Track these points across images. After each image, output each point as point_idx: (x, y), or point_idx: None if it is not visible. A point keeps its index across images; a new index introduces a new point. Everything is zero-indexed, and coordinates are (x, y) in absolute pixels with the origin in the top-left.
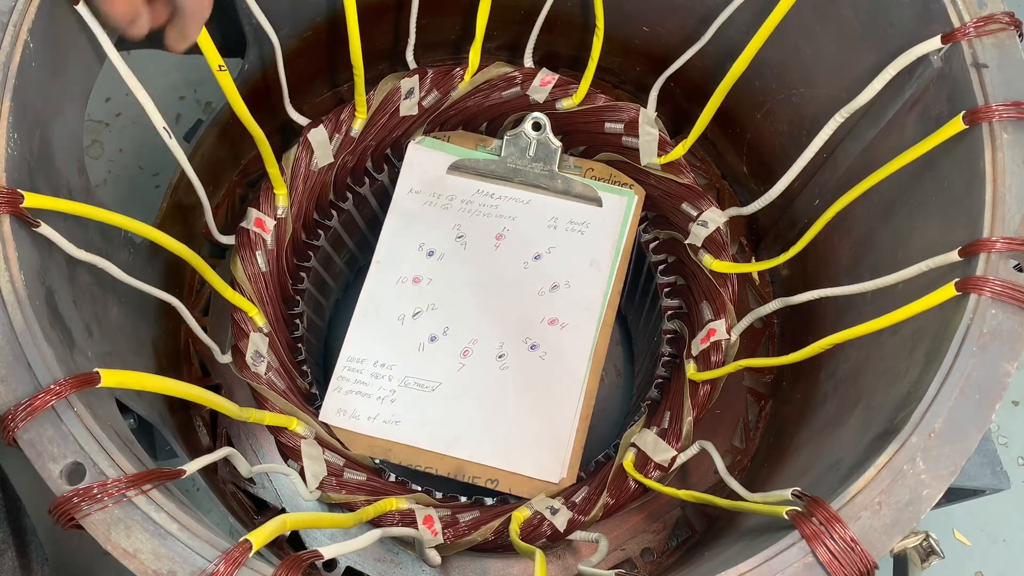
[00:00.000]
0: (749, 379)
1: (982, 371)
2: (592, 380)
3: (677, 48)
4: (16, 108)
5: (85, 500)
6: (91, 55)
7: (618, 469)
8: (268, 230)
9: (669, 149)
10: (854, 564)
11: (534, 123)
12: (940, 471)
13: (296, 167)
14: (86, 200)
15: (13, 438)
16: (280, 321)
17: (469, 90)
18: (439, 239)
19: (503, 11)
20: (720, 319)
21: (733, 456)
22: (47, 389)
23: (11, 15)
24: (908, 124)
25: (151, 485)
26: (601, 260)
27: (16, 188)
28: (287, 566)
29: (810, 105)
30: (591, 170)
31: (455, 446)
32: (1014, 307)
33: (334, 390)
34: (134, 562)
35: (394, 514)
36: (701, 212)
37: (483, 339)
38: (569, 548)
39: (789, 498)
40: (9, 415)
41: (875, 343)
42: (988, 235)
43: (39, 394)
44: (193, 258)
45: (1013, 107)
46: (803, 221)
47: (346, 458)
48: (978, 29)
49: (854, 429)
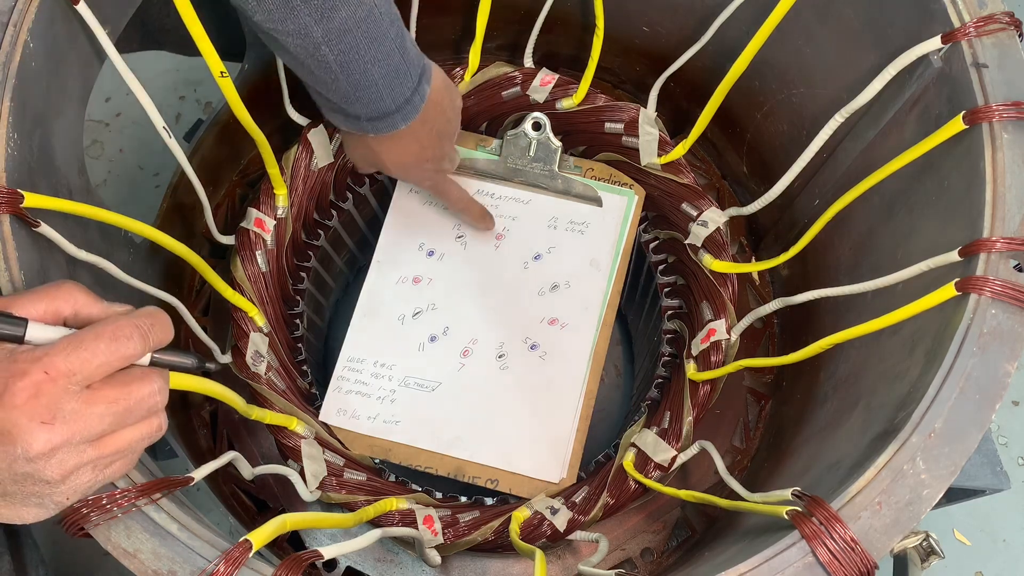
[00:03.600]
0: (749, 379)
1: (982, 371)
2: (592, 380)
3: (677, 48)
4: (16, 108)
5: (94, 511)
6: (91, 55)
7: (618, 469)
8: (268, 230)
9: (669, 149)
10: (854, 564)
11: (534, 123)
12: (940, 471)
13: (296, 167)
14: (86, 200)
15: None
16: (280, 321)
17: (469, 90)
18: (439, 239)
19: (503, 11)
20: (720, 319)
21: (733, 456)
22: None
23: (11, 15)
24: (908, 124)
25: (160, 494)
26: (601, 260)
27: (16, 188)
28: (287, 566)
29: (810, 105)
30: (591, 170)
31: (455, 446)
32: (1014, 307)
33: (334, 390)
34: (134, 562)
35: (394, 514)
36: (701, 212)
37: (483, 339)
38: (569, 548)
39: (789, 498)
40: None
41: (875, 343)
42: (988, 235)
43: None
44: (193, 258)
45: (1013, 107)
46: (803, 221)
47: (346, 458)
48: (978, 29)
49: (854, 429)
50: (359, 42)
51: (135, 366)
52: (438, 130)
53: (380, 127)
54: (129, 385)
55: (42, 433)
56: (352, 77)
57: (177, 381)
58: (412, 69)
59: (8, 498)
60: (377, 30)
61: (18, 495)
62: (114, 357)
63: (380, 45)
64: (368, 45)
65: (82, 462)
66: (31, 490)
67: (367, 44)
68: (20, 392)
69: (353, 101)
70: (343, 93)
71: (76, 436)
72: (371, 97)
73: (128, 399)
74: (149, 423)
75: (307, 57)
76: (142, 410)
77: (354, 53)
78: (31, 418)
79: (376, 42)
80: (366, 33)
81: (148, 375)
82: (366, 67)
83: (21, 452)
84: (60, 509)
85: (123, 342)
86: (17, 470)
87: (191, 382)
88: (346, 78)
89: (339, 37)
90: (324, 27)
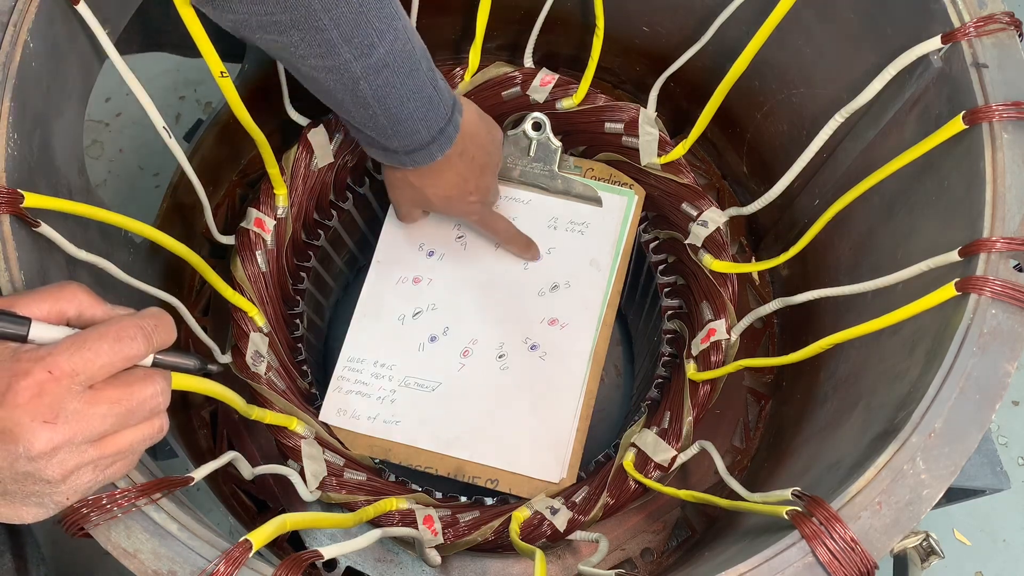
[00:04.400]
0: (749, 379)
1: (982, 371)
2: (592, 380)
3: (677, 48)
4: (16, 108)
5: (95, 511)
6: (91, 55)
7: (618, 469)
8: (268, 230)
9: (669, 149)
10: (854, 564)
11: (534, 123)
12: (940, 471)
13: (296, 167)
14: (86, 200)
15: None
16: (280, 321)
17: (469, 90)
18: (439, 239)
19: (503, 11)
20: (720, 319)
21: (733, 456)
22: None
23: (11, 15)
24: (908, 124)
25: (160, 494)
26: (601, 260)
27: (16, 188)
28: (287, 566)
29: (810, 105)
30: (591, 170)
31: (455, 446)
32: (1014, 307)
33: (334, 390)
34: (134, 562)
35: (394, 514)
36: (701, 212)
37: (483, 339)
38: (569, 548)
39: (789, 498)
40: None
41: (875, 343)
42: (988, 235)
43: None
44: (193, 258)
45: (1013, 107)
46: (803, 221)
47: (346, 458)
48: (978, 29)
49: (854, 429)
50: (395, 76)
51: (138, 367)
52: (479, 162)
53: (417, 159)
54: (132, 386)
55: (44, 432)
56: (389, 111)
57: (178, 381)
58: (444, 100)
59: (8, 497)
60: (411, 64)
61: (18, 494)
62: (117, 357)
63: (415, 78)
64: (403, 79)
65: (83, 462)
66: (31, 489)
67: (403, 78)
68: (23, 391)
69: (391, 135)
70: (381, 127)
71: (78, 436)
72: (408, 130)
73: (130, 400)
74: (151, 424)
75: (345, 92)
76: (144, 411)
77: (391, 87)
78: (33, 417)
79: (411, 75)
80: (402, 67)
81: (151, 376)
82: (402, 100)
83: (23, 451)
84: (60, 509)
85: (126, 343)
86: (18, 469)
87: (191, 382)
88: (383, 112)
89: (377, 72)
90: (363, 63)
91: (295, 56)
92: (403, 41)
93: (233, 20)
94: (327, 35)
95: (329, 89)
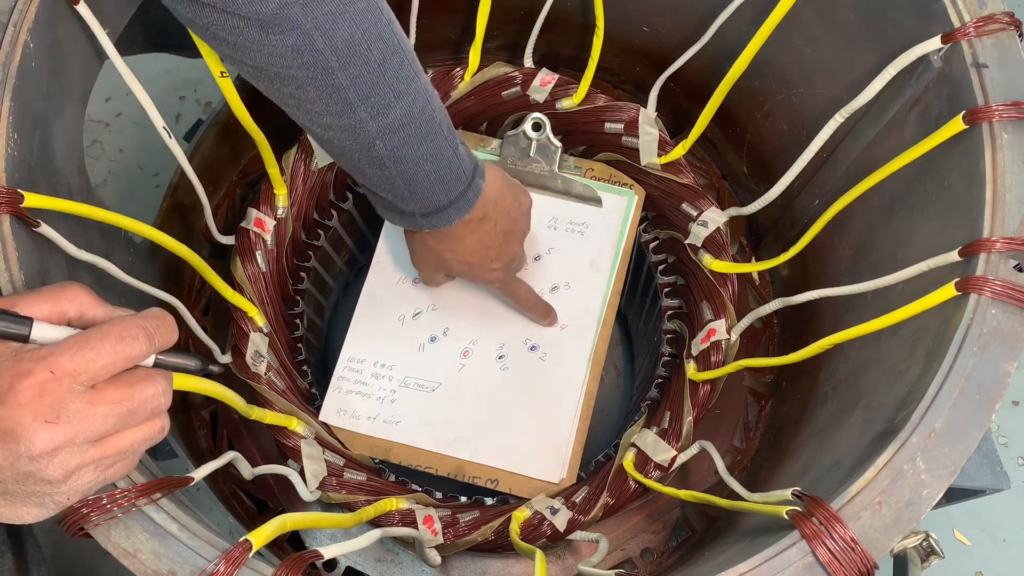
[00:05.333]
0: (749, 379)
1: (982, 371)
2: (592, 380)
3: (677, 48)
4: (16, 108)
5: (95, 511)
6: (91, 55)
7: (618, 469)
8: (268, 230)
9: (669, 149)
10: (854, 564)
11: (534, 123)
12: (940, 471)
13: (296, 167)
14: (86, 200)
15: None
16: (280, 321)
17: (469, 90)
18: None
19: (503, 11)
20: (720, 319)
21: (733, 456)
22: None
23: (11, 15)
24: (908, 124)
25: (160, 494)
26: (601, 261)
27: (16, 188)
28: (287, 566)
29: (810, 105)
30: (591, 170)
31: (455, 446)
32: (1014, 307)
33: (334, 390)
34: (134, 562)
35: (394, 514)
36: (701, 212)
37: (483, 340)
38: (569, 548)
39: (789, 498)
40: None
41: (875, 343)
42: (988, 235)
43: None
44: (193, 258)
45: (1013, 107)
46: (803, 221)
47: (346, 458)
48: (978, 29)
49: (854, 429)
50: (412, 137)
51: (139, 367)
52: (501, 228)
53: (435, 222)
54: (133, 386)
55: (45, 432)
56: (405, 172)
57: (179, 382)
58: (464, 164)
59: (9, 497)
60: (431, 126)
61: (19, 494)
62: (119, 358)
63: (433, 140)
64: (420, 140)
65: (84, 462)
66: (32, 489)
67: (420, 139)
68: (25, 391)
69: (407, 198)
70: (398, 189)
71: (79, 436)
72: (424, 191)
73: (132, 400)
74: (152, 424)
75: (360, 153)
76: (146, 411)
77: (407, 148)
78: (35, 417)
79: (429, 137)
80: (419, 128)
81: (152, 376)
82: (419, 162)
83: (24, 451)
84: (60, 509)
85: (128, 343)
86: (19, 469)
87: (192, 383)
88: (399, 173)
89: (393, 132)
90: (380, 122)
91: (312, 113)
92: (422, 103)
93: (254, 67)
94: (344, 94)
95: (345, 150)
